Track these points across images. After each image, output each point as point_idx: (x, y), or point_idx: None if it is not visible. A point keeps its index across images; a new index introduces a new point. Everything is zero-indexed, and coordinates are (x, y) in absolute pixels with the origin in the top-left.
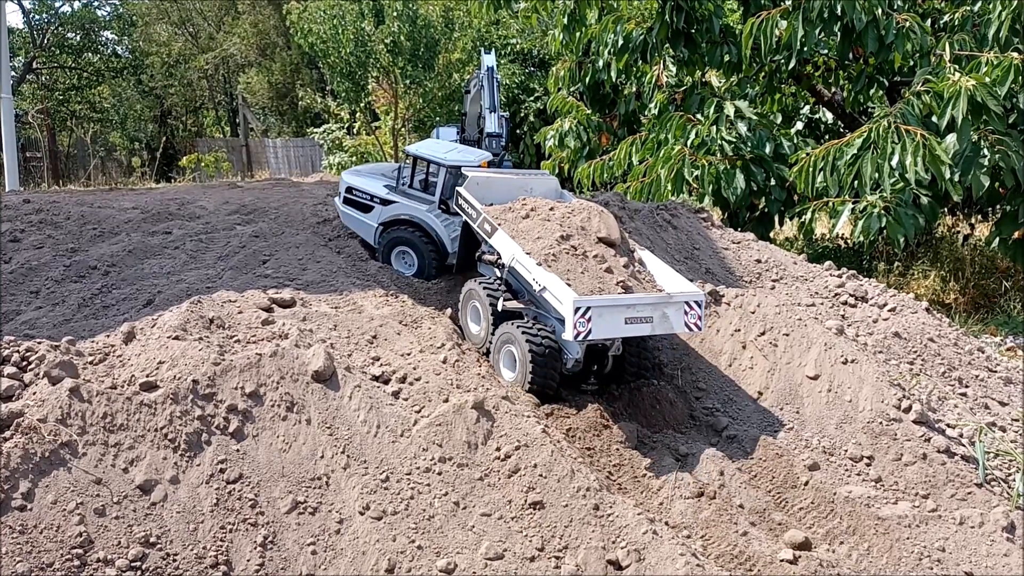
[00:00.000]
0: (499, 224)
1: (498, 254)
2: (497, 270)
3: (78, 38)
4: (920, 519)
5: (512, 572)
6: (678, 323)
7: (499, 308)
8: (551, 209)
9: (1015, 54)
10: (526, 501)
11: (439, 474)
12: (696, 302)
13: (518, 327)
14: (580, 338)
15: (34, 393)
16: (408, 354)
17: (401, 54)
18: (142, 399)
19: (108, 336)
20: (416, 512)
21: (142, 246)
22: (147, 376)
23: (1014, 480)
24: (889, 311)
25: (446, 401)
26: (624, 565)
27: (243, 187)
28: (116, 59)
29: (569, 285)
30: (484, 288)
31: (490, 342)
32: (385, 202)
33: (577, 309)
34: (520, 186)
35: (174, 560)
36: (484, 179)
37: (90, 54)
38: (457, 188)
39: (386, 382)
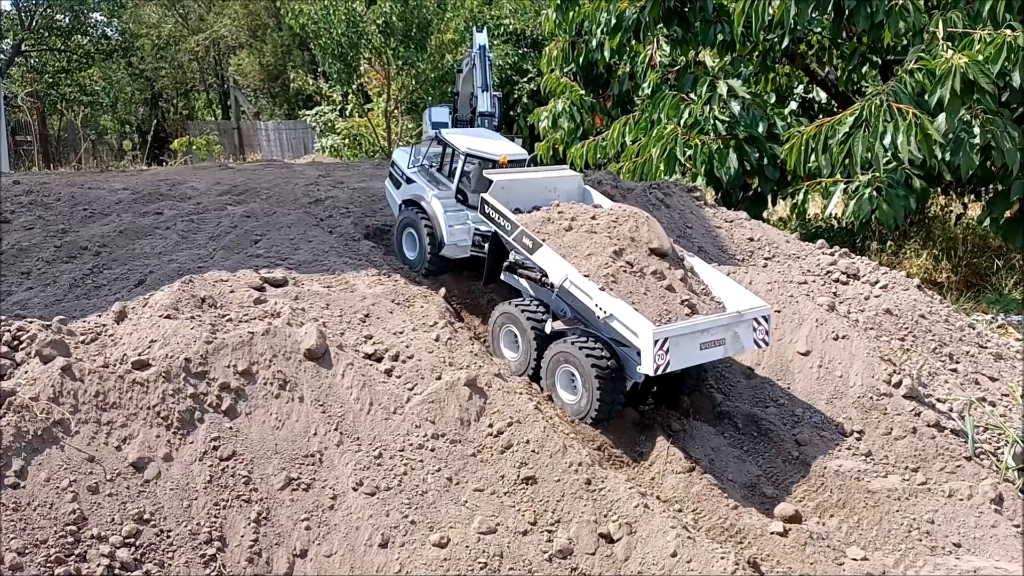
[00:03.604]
0: (543, 240)
1: (541, 272)
2: (526, 282)
3: (67, 20)
4: (909, 492)
5: (505, 546)
6: (748, 341)
7: (548, 331)
8: (593, 218)
9: (1008, 31)
10: (519, 476)
11: (432, 450)
12: (764, 317)
13: (577, 346)
14: (659, 371)
15: (26, 372)
16: (401, 332)
17: (393, 35)
18: (134, 377)
19: (100, 316)
20: (409, 488)
21: (133, 227)
22: (139, 355)
23: (1003, 453)
24: (881, 288)
25: (439, 378)
26: (615, 538)
27: (234, 168)
28: (106, 41)
29: (637, 311)
30: (523, 311)
31: (532, 368)
32: (409, 180)
33: (657, 341)
34: (545, 186)
35: (168, 536)
36: (508, 182)
37: (79, 36)
38: (483, 196)
39: (379, 360)
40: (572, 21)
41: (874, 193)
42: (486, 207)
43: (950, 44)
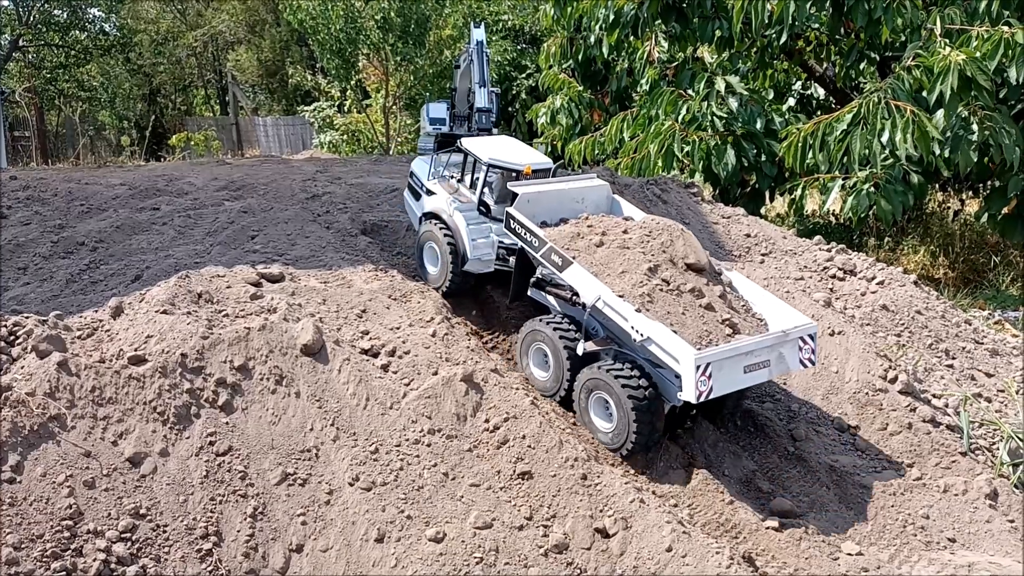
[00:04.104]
0: (574, 258)
1: (572, 291)
2: (555, 300)
3: (65, 15)
4: (904, 487)
5: (501, 541)
6: (793, 362)
7: (580, 353)
8: (625, 232)
9: (1006, 28)
10: (514, 471)
11: (428, 446)
12: (810, 335)
13: (612, 373)
14: (701, 398)
15: (22, 367)
16: (397, 328)
17: (391, 31)
18: (131, 373)
19: (96, 311)
20: (405, 483)
21: (130, 222)
22: (135, 350)
23: (998, 449)
24: (877, 284)
25: (435, 374)
26: (611, 533)
27: (232, 164)
28: (104, 37)
29: (676, 333)
30: (556, 329)
31: (564, 390)
32: (429, 192)
33: (698, 367)
34: (572, 197)
35: (164, 531)
36: (534, 195)
37: (77, 32)
38: (508, 210)
39: (375, 355)
40: (570, 17)
41: (872, 189)
42: (511, 221)
43: (948, 41)
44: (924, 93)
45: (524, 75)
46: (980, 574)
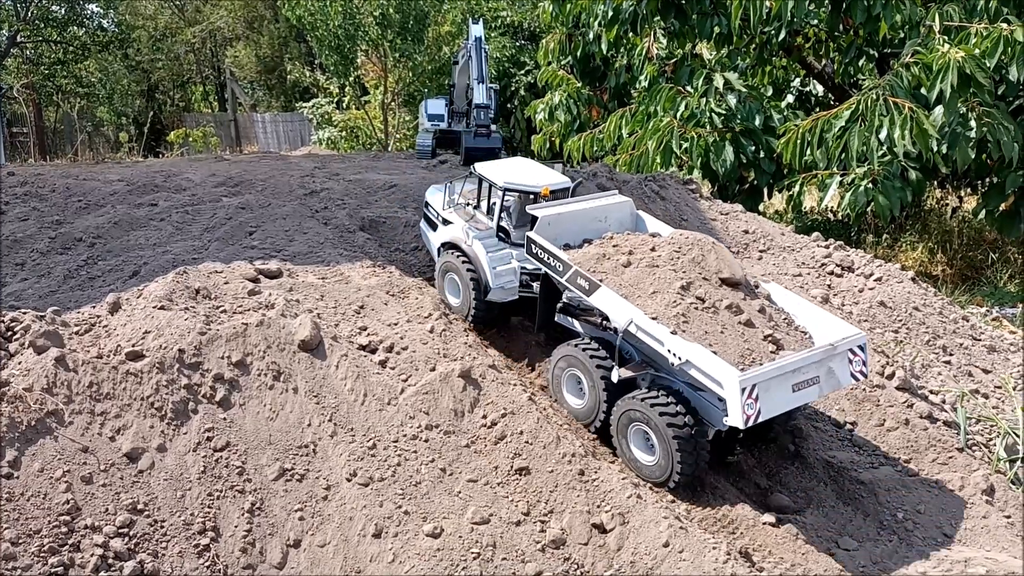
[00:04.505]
0: (601, 280)
1: (602, 315)
2: (585, 325)
3: (63, 11)
4: (901, 483)
5: (498, 536)
6: (844, 376)
7: (616, 380)
8: (653, 249)
9: (1004, 25)
10: (512, 467)
11: (426, 441)
12: (860, 346)
13: (648, 402)
14: (749, 423)
15: (19, 363)
16: (395, 324)
17: (390, 27)
18: (128, 368)
19: (94, 307)
20: (403, 478)
21: (128, 218)
22: (133, 346)
23: (995, 445)
24: (875, 281)
25: (433, 370)
26: (608, 528)
27: (230, 160)
28: (102, 33)
29: (716, 354)
30: (591, 355)
31: (600, 419)
32: (446, 222)
33: (744, 389)
34: (594, 216)
35: (161, 527)
36: (555, 216)
37: (75, 28)
38: (528, 235)
39: (373, 351)
40: (569, 13)
41: (870, 185)
42: (533, 246)
43: (946, 38)
44: (923, 90)
45: (523, 72)
46: (977, 570)
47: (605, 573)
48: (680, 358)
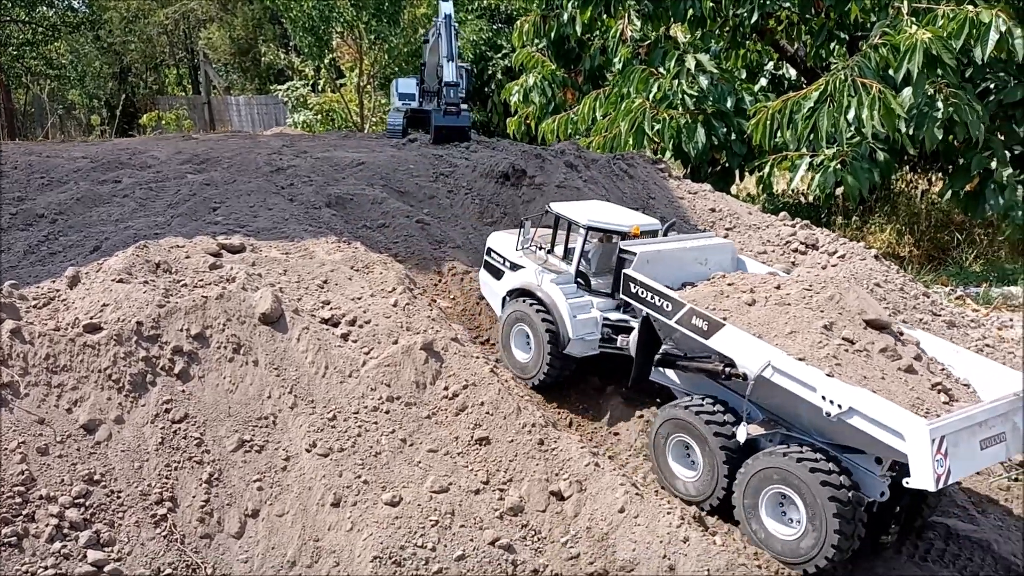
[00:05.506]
0: (725, 319)
1: (724, 360)
2: (690, 378)
3: None
4: None
5: (457, 504)
6: None
7: (742, 440)
8: (778, 288)
9: (971, 7)
10: (472, 437)
11: (387, 413)
12: None
13: (795, 458)
14: (940, 483)
15: None
16: (359, 298)
17: (365, 8)
18: (85, 341)
19: (53, 281)
20: (363, 449)
21: (91, 194)
22: (91, 318)
23: None
24: (838, 258)
25: (395, 343)
26: (566, 496)
27: (198, 138)
28: (72, 13)
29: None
30: (702, 416)
31: (725, 490)
32: (514, 267)
33: (934, 441)
34: (695, 258)
35: (118, 497)
36: (654, 254)
37: (44, 8)
38: (626, 272)
39: (335, 325)
40: None
41: (839, 166)
42: (632, 285)
43: (914, 19)
44: (891, 71)
45: (500, 55)
46: None
47: (561, 538)
48: (840, 406)
